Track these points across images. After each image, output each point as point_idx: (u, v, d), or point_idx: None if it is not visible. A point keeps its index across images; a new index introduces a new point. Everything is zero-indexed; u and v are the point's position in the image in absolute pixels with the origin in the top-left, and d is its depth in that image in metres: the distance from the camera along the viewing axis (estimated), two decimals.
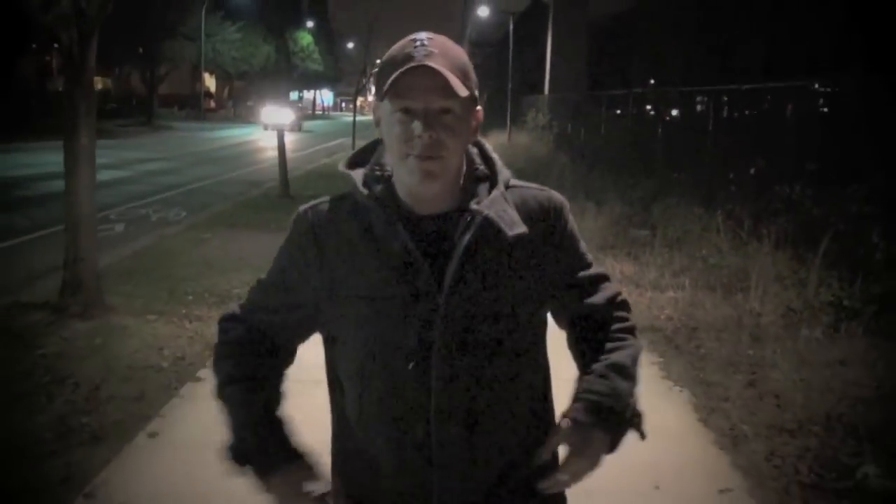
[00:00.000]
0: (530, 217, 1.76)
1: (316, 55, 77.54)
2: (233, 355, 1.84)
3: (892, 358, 5.97)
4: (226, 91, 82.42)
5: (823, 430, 4.85)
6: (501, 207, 1.72)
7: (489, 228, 1.69)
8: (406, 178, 1.69)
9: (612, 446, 1.71)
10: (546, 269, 1.77)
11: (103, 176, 20.77)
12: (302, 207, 1.83)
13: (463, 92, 1.63)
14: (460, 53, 1.70)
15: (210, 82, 75.27)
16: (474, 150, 1.82)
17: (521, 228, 1.72)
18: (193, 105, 67.19)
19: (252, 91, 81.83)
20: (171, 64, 61.07)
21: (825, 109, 10.90)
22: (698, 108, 15.59)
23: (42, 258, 10.45)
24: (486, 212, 1.69)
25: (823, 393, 5.34)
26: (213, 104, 75.25)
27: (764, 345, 6.52)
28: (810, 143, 9.69)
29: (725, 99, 13.76)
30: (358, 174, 1.79)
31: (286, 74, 20.27)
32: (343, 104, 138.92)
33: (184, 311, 7.60)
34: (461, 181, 1.75)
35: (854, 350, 6.22)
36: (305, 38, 76.20)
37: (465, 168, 1.76)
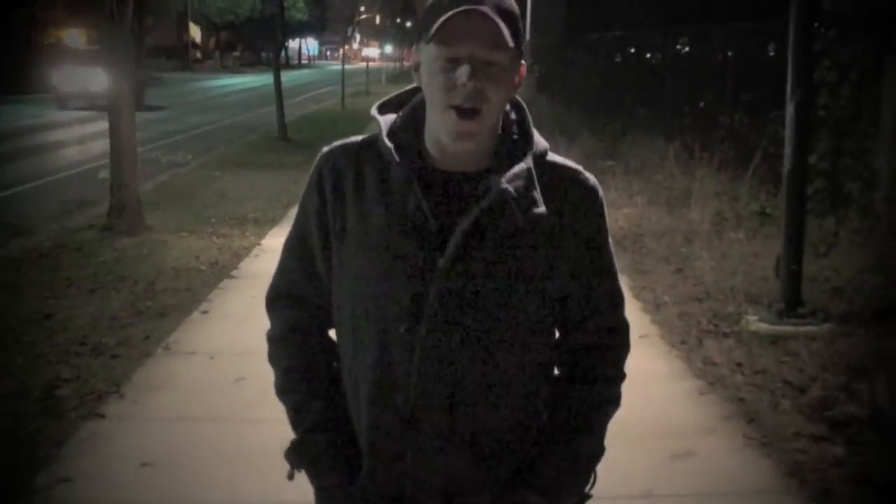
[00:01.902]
0: (556, 198, 1.65)
1: (301, 4, 77.95)
2: (283, 356, 1.79)
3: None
4: (211, 42, 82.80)
5: (725, 297, 6.27)
6: (524, 182, 1.61)
7: (504, 202, 1.59)
8: (441, 131, 1.60)
9: None
10: (563, 258, 1.66)
11: (106, 125, 22.09)
12: (327, 147, 1.75)
13: (511, 43, 1.54)
14: (513, 4, 1.59)
15: (196, 33, 75.65)
16: (511, 112, 1.69)
17: (540, 209, 1.62)
18: (181, 56, 67.84)
19: (238, 41, 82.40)
20: (158, 14, 61.65)
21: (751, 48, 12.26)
22: (658, 51, 16.83)
23: (66, 195, 11.89)
24: (504, 184, 1.58)
25: (732, 275, 6.74)
26: (199, 55, 75.81)
27: (694, 245, 7.90)
28: (746, 78, 11.01)
29: (681, 40, 15.07)
30: (387, 120, 1.69)
31: (281, 23, 21.18)
32: (329, 53, 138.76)
33: (210, 231, 8.99)
34: (493, 143, 1.65)
35: (767, 247, 7.58)
36: None
37: (499, 129, 1.65)
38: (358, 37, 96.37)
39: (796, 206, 5.86)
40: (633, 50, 18.70)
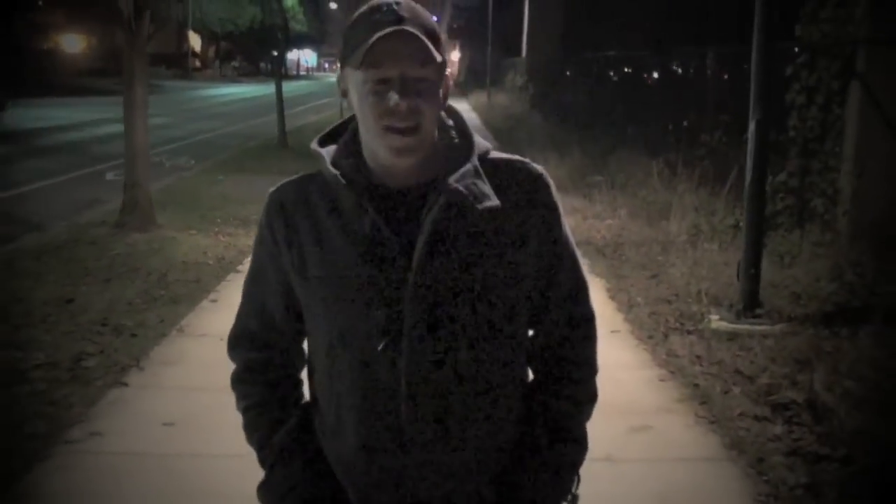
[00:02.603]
0: (506, 192, 1.67)
1: (300, 16, 78.66)
2: (244, 395, 1.83)
3: (765, 262, 7.89)
4: (211, 51, 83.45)
5: (692, 300, 6.82)
6: (471, 180, 1.64)
7: (458, 203, 1.61)
8: (380, 153, 1.62)
9: None
10: (525, 252, 1.68)
11: (112, 129, 22.70)
12: (271, 189, 1.78)
13: (438, 57, 1.57)
14: (429, 17, 1.62)
15: (195, 42, 76.28)
16: (449, 120, 1.73)
17: (493, 202, 1.63)
18: (180, 64, 68.47)
19: (237, 51, 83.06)
20: (159, 23, 62.23)
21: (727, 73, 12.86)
22: (648, 71, 17.47)
23: (78, 194, 12.40)
24: (453, 185, 1.61)
25: (701, 280, 7.28)
26: (198, 64, 76.48)
27: (670, 254, 8.45)
28: (725, 99, 11.61)
29: (668, 62, 15.70)
30: (328, 151, 1.71)
31: (283, 34, 21.80)
32: (326, 65, 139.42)
33: (216, 229, 9.54)
34: (433, 151, 1.67)
35: (737, 257, 8.04)
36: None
37: (437, 137, 1.69)
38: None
39: (756, 215, 6.43)
40: (624, 70, 19.32)
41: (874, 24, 7.64)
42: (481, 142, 1.71)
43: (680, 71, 16.14)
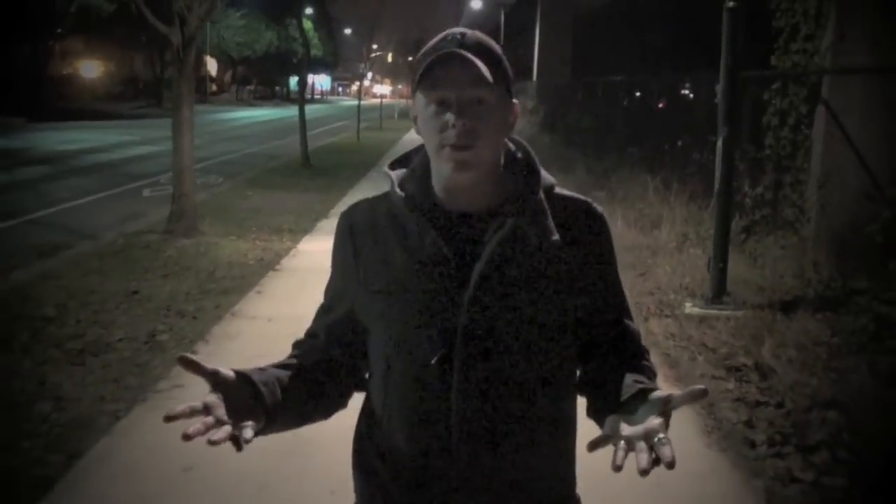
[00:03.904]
0: (568, 226, 1.72)
1: (316, 41, 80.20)
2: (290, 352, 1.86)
3: (740, 263, 8.93)
4: (227, 75, 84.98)
5: (672, 292, 7.87)
6: (537, 212, 1.70)
7: (521, 233, 1.68)
8: (441, 170, 1.69)
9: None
10: (582, 282, 1.73)
11: (141, 150, 24.05)
12: (343, 210, 1.86)
13: (494, 80, 1.63)
14: (494, 46, 1.70)
15: (211, 66, 77.80)
16: (517, 152, 1.79)
17: (554, 237, 1.69)
18: (198, 89, 69.85)
19: (253, 75, 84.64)
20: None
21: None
22: (648, 95, 18.56)
23: (120, 209, 13.53)
24: (519, 214, 1.68)
25: (682, 277, 8.34)
26: (214, 88, 78.01)
27: (658, 257, 9.50)
28: (714, 122, 12.67)
29: (666, 88, 16.80)
30: (398, 174, 1.80)
31: (306, 58, 22.99)
32: (340, 89, 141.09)
33: (253, 236, 10.65)
34: (498, 179, 1.73)
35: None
36: (306, 24, 78.83)
37: (503, 167, 1.74)
38: (370, 74, 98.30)
39: (723, 217, 7.50)
40: (626, 94, 20.42)
41: (836, 56, 8.65)
42: (547, 176, 1.77)
43: (674, 95, 17.26)
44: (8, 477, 4.17)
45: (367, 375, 1.85)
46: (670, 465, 1.38)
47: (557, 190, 1.78)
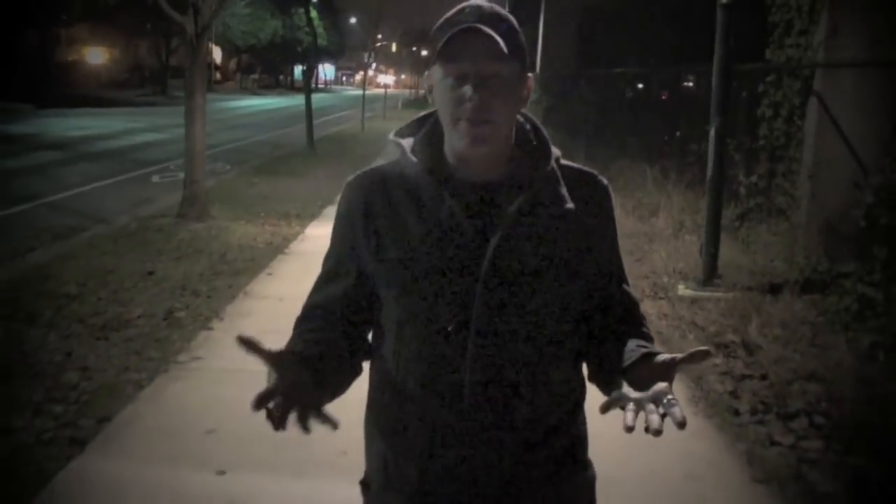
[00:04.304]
0: (577, 195, 1.77)
1: (321, 30, 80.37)
2: (297, 327, 1.85)
3: (733, 249, 9.23)
4: (232, 64, 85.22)
5: (666, 276, 8.19)
6: (551, 181, 1.75)
7: (537, 201, 1.71)
8: (456, 143, 1.70)
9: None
10: (591, 249, 1.78)
11: (148, 137, 24.37)
12: (351, 176, 1.84)
13: (511, 55, 1.64)
14: (511, 19, 1.70)
15: (216, 55, 77.98)
16: (526, 124, 1.82)
17: (569, 205, 1.74)
18: None
19: (257, 64, 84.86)
20: (183, 36, 63.88)
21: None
22: (649, 87, 18.87)
23: (130, 194, 13.88)
24: (534, 185, 1.72)
25: (677, 262, 8.66)
26: (218, 76, 78.27)
27: (655, 243, 9.82)
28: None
29: (667, 79, 17.10)
30: (408, 142, 1.81)
31: (313, 47, 23.35)
32: (344, 78, 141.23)
33: (261, 221, 10.98)
34: (510, 151, 1.76)
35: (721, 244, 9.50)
36: (311, 13, 79.05)
37: (514, 139, 1.77)
38: (374, 63, 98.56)
39: (715, 203, 7.82)
40: (628, 85, 20.71)
41: (828, 51, 8.94)
42: (555, 149, 1.81)
43: (675, 87, 17.55)
44: (44, 437, 4.50)
45: (373, 340, 1.87)
46: (681, 425, 1.44)
47: (563, 161, 1.83)
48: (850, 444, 4.55)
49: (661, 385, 1.53)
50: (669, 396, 1.50)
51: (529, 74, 1.75)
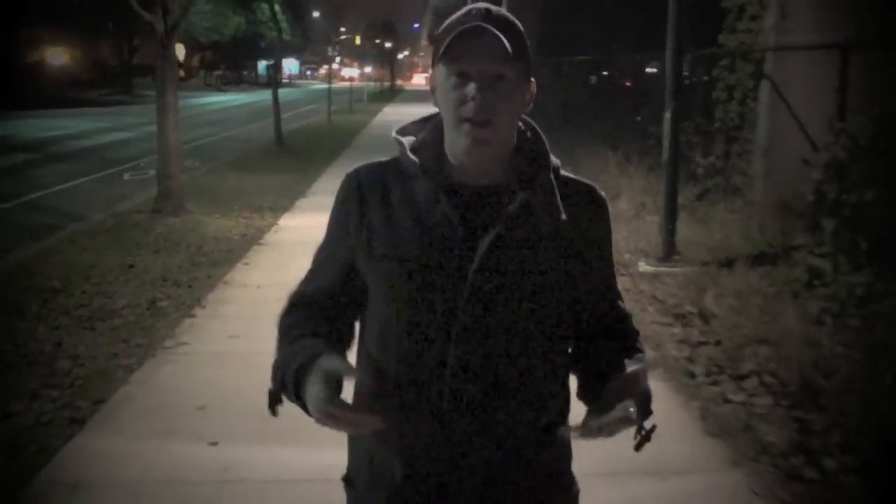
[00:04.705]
0: (573, 207, 1.76)
1: (284, 24, 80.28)
2: (289, 320, 1.86)
3: (692, 227, 9.61)
4: (195, 60, 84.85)
5: (629, 253, 8.57)
6: (546, 192, 1.74)
7: (531, 209, 1.71)
8: (457, 144, 1.70)
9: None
10: (583, 263, 1.77)
11: (117, 137, 24.50)
12: (349, 171, 1.86)
13: (516, 58, 1.66)
14: (516, 24, 1.71)
15: (178, 52, 77.46)
16: (527, 131, 1.81)
17: (562, 216, 1.73)
18: None
19: (220, 60, 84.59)
20: (146, 36, 63.67)
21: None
22: (612, 74, 19.29)
23: (104, 192, 14.10)
24: (530, 192, 1.71)
25: (639, 241, 9.04)
26: (182, 73, 77.88)
27: (618, 224, 10.13)
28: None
29: (632, 65, 17.51)
30: (409, 140, 1.81)
31: (278, 43, 23.57)
32: (309, 73, 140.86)
33: (235, 214, 11.26)
34: (510, 156, 1.75)
35: (680, 223, 9.88)
36: (275, 8, 78.93)
37: (514, 144, 1.76)
38: (338, 57, 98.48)
39: (672, 184, 8.20)
40: (591, 73, 21.12)
41: (778, 35, 9.34)
42: (554, 159, 1.80)
43: (638, 74, 17.98)
44: (44, 419, 4.78)
45: (360, 334, 1.88)
46: (636, 448, 1.69)
47: (563, 172, 1.82)
48: (796, 400, 4.93)
49: (620, 414, 1.60)
50: (631, 410, 1.60)
51: (532, 80, 1.75)
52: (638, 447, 1.69)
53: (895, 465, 4.10)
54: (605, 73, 20.17)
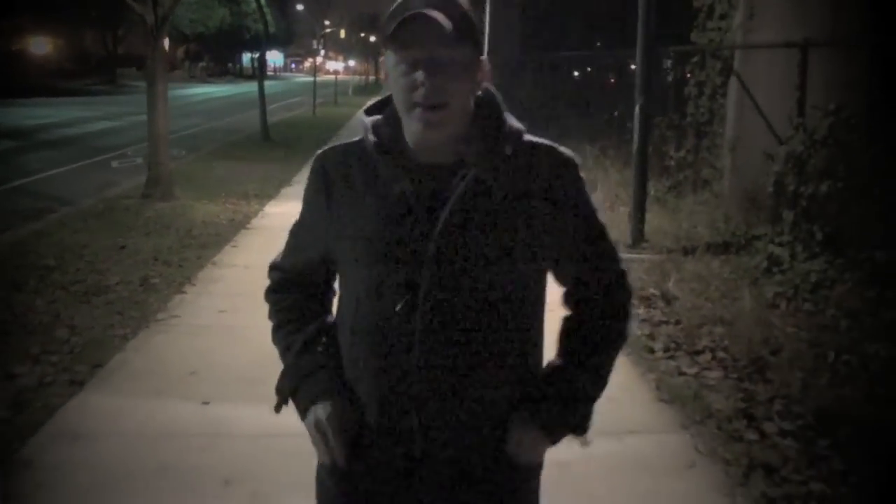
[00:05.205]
0: (539, 170, 1.76)
1: (269, 17, 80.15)
2: (276, 302, 2.01)
3: (662, 217, 10.01)
4: (179, 52, 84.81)
5: None
6: (498, 161, 1.73)
7: (484, 185, 1.71)
8: (412, 127, 1.71)
9: (553, 443, 1.86)
10: (547, 229, 1.76)
11: (103, 125, 24.76)
12: (318, 152, 1.90)
13: (461, 39, 1.65)
14: (461, 4, 1.69)
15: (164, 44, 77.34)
16: (485, 102, 1.80)
17: (517, 184, 1.74)
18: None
19: (205, 52, 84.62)
20: (131, 26, 63.76)
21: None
22: (591, 70, 19.69)
23: (93, 178, 14.40)
24: (481, 168, 1.71)
25: (612, 230, 9.37)
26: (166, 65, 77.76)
27: None
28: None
29: (612, 62, 17.91)
30: (372, 120, 1.82)
31: (264, 35, 23.91)
32: (293, 65, 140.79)
33: (223, 200, 11.60)
34: (468, 131, 1.75)
35: (651, 213, 10.29)
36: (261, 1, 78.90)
37: (473, 119, 1.76)
38: (323, 50, 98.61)
39: (640, 174, 8.61)
40: (571, 69, 21.50)
41: (746, 33, 9.75)
42: (515, 124, 1.80)
43: (609, 70, 18.38)
44: (46, 381, 5.13)
45: (336, 312, 1.96)
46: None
47: (526, 137, 1.80)
48: (744, 374, 5.33)
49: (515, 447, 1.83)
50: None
51: (483, 57, 1.76)
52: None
53: (828, 429, 4.51)
54: (587, 69, 20.54)
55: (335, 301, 1.98)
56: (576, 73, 21.06)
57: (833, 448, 4.32)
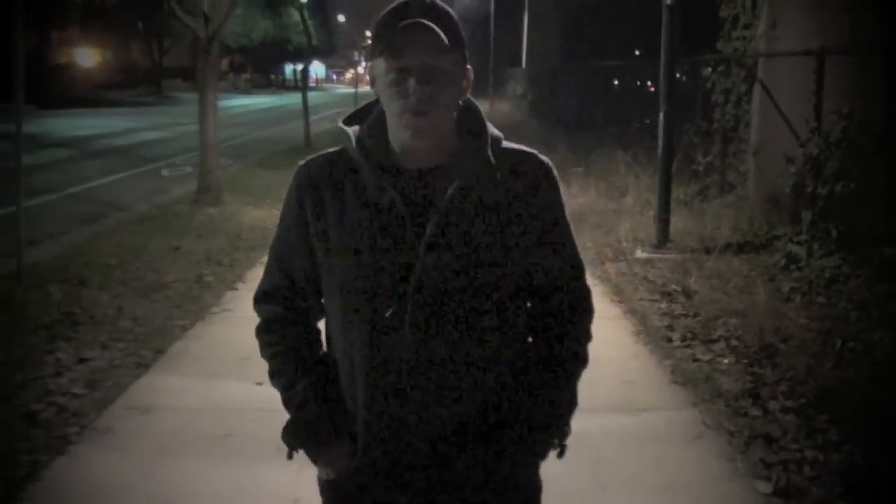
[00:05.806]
0: (516, 177, 1.81)
1: (311, 30, 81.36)
2: (268, 345, 2.00)
3: (689, 220, 10.39)
4: (224, 64, 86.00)
5: (627, 243, 9.37)
6: (483, 170, 1.78)
7: (470, 191, 1.76)
8: (400, 134, 1.75)
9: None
10: (526, 233, 1.81)
11: (151, 136, 25.52)
12: (301, 161, 1.93)
13: (453, 48, 1.70)
14: (451, 13, 1.74)
15: None
16: (466, 111, 1.85)
17: (499, 190, 1.79)
18: (196, 77, 70.82)
19: (248, 63, 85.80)
20: (176, 38, 64.94)
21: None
22: (625, 79, 20.08)
23: (144, 186, 15.01)
24: (467, 174, 1.76)
25: (639, 232, 9.85)
26: None
27: (622, 218, 10.98)
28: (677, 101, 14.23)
29: (649, 71, 18.31)
30: (354, 130, 1.84)
31: (308, 48, 24.56)
32: (335, 76, 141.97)
33: (268, 206, 12.15)
34: (452, 139, 1.81)
35: (678, 216, 10.69)
36: (304, 14, 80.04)
37: (457, 127, 1.81)
38: (363, 61, 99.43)
39: (665, 177, 9.02)
40: (606, 79, 21.90)
41: (768, 42, 10.13)
42: (494, 132, 1.85)
43: (641, 79, 18.77)
44: (115, 363, 5.68)
45: (326, 323, 1.99)
46: None
47: (505, 144, 1.86)
48: (754, 359, 5.75)
49: None
50: None
51: (468, 66, 1.81)
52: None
53: (828, 406, 4.92)
54: (615, 80, 20.95)
55: (326, 302, 1.99)
56: (615, 82, 21.43)
57: (831, 423, 4.74)
